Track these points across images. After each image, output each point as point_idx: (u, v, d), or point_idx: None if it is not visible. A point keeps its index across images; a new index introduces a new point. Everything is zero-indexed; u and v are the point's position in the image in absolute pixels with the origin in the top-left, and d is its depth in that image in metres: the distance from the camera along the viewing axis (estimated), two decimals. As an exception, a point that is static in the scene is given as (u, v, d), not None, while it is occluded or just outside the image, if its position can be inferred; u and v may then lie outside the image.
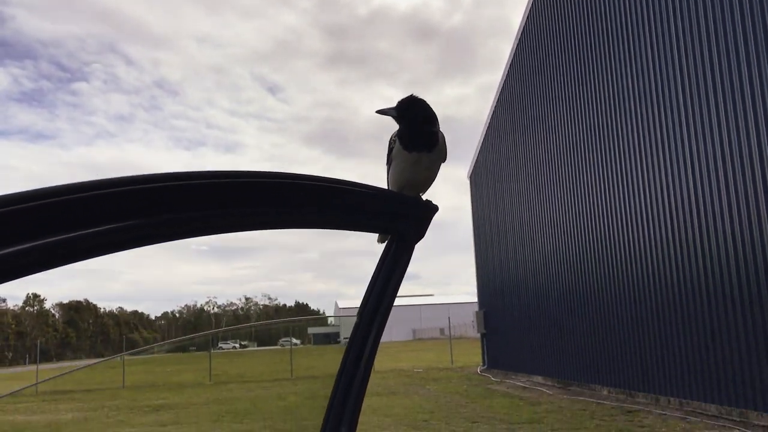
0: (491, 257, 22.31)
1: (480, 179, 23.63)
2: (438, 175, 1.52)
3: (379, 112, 1.52)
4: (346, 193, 1.08)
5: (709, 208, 10.36)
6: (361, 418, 1.40)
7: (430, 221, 1.29)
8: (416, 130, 1.50)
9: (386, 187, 1.56)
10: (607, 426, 9.83)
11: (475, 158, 23.98)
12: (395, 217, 1.24)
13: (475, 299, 25.10)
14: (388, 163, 1.56)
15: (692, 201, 10.78)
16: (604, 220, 13.97)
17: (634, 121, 12.60)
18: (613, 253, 13.58)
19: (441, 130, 1.53)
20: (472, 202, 24.65)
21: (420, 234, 1.28)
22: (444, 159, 1.55)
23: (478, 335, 24.53)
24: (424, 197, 1.44)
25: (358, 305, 1.38)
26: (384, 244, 1.33)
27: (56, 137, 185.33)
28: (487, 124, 22.40)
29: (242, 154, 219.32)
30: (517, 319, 19.44)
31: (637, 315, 12.57)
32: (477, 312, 23.69)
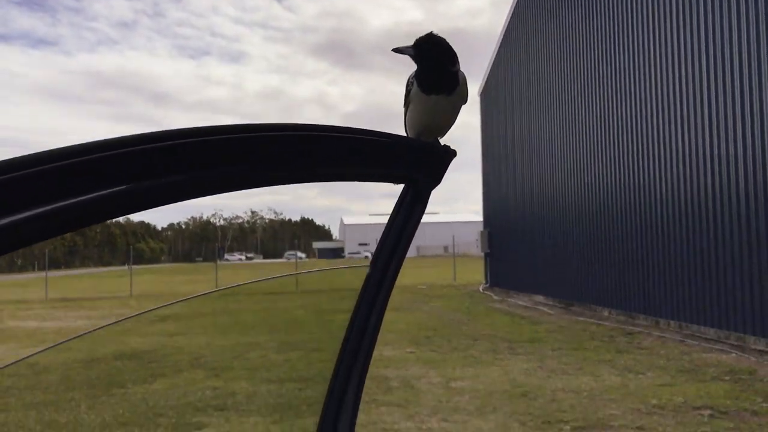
0: (498, 177, 22.23)
1: (490, 97, 23.25)
2: (458, 116, 1.45)
3: (396, 50, 1.43)
4: (366, 143, 1.01)
5: (720, 134, 10.20)
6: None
7: (447, 167, 1.23)
8: (435, 71, 1.42)
9: (403, 132, 1.49)
10: (606, 346, 10.01)
11: (486, 75, 23.52)
12: (412, 165, 1.17)
13: (480, 218, 25.17)
14: (406, 105, 1.48)
15: (703, 127, 10.61)
16: (612, 141, 13.81)
17: (650, 35, 12.26)
18: (619, 176, 13.50)
19: (461, 69, 1.44)
20: (481, 120, 24.34)
21: (437, 180, 1.22)
22: (465, 101, 1.47)
23: (482, 254, 24.74)
24: (443, 141, 1.37)
25: (363, 222, 1.33)
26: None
27: (58, 43, 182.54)
28: (500, 41, 21.85)
29: (247, 64, 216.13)
30: (520, 240, 19.54)
31: (641, 237, 12.60)
32: (482, 232, 23.80)
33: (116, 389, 7.83)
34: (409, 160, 1.16)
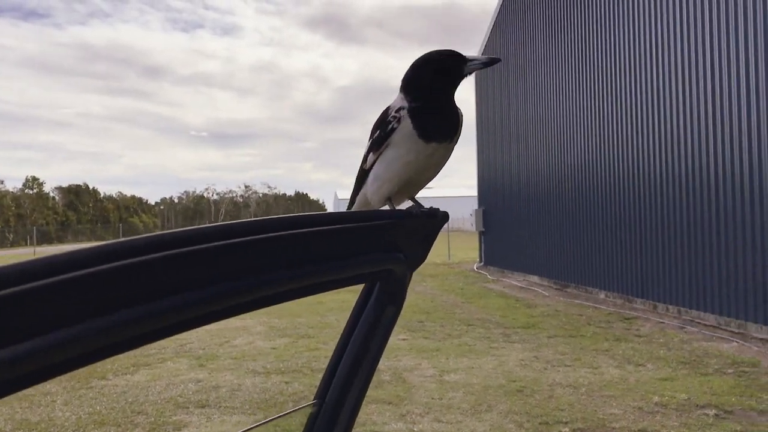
0: (493, 154, 21.84)
1: (485, 72, 22.76)
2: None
3: (471, 64, 1.06)
4: (307, 240, 0.66)
5: (724, 113, 9.84)
6: None
7: (436, 236, 0.86)
8: (445, 110, 1.03)
9: (357, 188, 1.11)
10: (604, 333, 9.75)
11: (482, 51, 23.02)
12: (387, 250, 0.79)
13: (474, 193, 24.80)
14: (377, 148, 1.08)
15: (705, 106, 10.25)
16: (609, 122, 13.43)
17: (650, 7, 11.83)
18: (617, 155, 13.14)
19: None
20: (476, 96, 23.88)
21: (422, 257, 0.85)
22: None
23: (475, 229, 24.42)
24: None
25: None
26: None
27: (49, 15, 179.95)
28: (495, 15, 21.33)
29: (240, 38, 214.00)
30: (516, 218, 19.22)
31: (638, 217, 12.29)
32: (476, 210, 23.47)
33: (96, 381, 7.52)
34: (385, 244, 0.79)
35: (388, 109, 1.07)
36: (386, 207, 1.11)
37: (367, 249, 0.76)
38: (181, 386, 7.18)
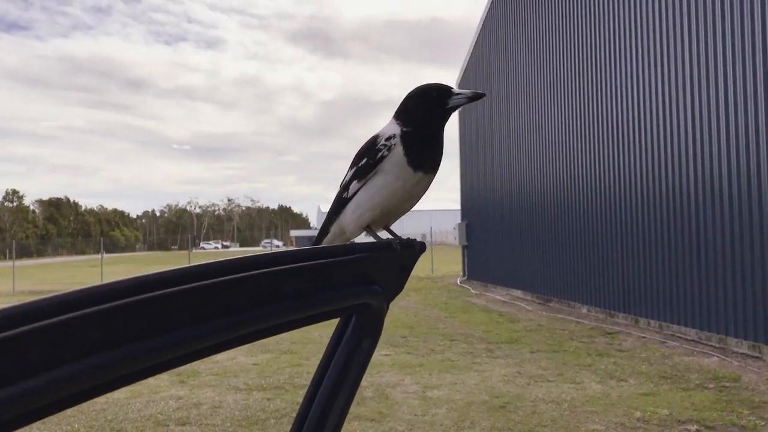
0: (476, 168, 21.94)
1: (469, 88, 22.90)
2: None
3: (454, 97, 1.07)
4: (294, 274, 0.65)
5: (704, 129, 9.95)
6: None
7: (413, 267, 0.86)
8: (434, 141, 1.04)
9: (332, 218, 1.11)
10: (587, 348, 9.77)
11: (464, 68, 23.18)
12: (362, 283, 0.78)
13: (458, 207, 24.88)
14: (363, 175, 1.08)
15: (686, 122, 10.36)
16: (591, 137, 13.54)
17: (630, 38, 11.97)
18: (599, 171, 13.24)
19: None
20: (459, 111, 24.00)
21: (399, 288, 0.85)
22: None
23: (458, 243, 24.48)
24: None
25: None
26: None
27: (31, 28, 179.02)
28: (478, 32, 21.50)
29: (224, 51, 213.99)
30: (499, 232, 19.29)
31: (621, 233, 12.37)
32: (459, 224, 23.53)
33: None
34: (361, 277, 0.78)
35: (376, 137, 1.07)
36: (358, 236, 1.11)
37: (344, 283, 0.75)
38: (161, 403, 7.09)
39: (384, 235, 1.09)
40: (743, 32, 9.14)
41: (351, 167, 1.09)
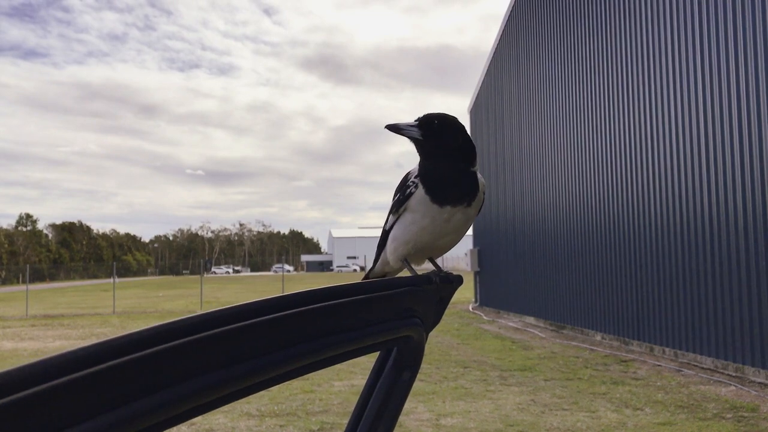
0: (488, 194, 21.93)
1: (480, 114, 23.01)
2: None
3: (392, 128, 1.03)
4: (338, 310, 0.67)
5: (717, 153, 9.93)
6: (346, 363, 1.02)
7: (450, 300, 0.87)
8: (451, 171, 1.03)
9: (380, 248, 1.11)
10: (601, 376, 9.67)
11: (476, 94, 23.30)
12: (403, 317, 0.79)
13: (470, 232, 24.87)
14: (396, 212, 1.09)
15: (699, 149, 10.34)
16: (606, 162, 13.53)
17: (642, 63, 12.01)
18: (613, 197, 13.21)
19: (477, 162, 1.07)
20: (470, 135, 24.08)
21: (437, 320, 0.86)
22: (479, 210, 1.10)
23: (471, 269, 24.42)
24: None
25: (352, 235, 0.97)
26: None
27: (48, 55, 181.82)
28: (490, 58, 21.64)
29: (236, 77, 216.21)
30: (511, 259, 19.23)
31: (634, 260, 12.30)
32: (471, 250, 23.48)
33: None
34: (403, 311, 0.79)
35: (408, 174, 1.08)
36: (402, 267, 1.12)
37: (386, 317, 0.77)
38: (173, 430, 7.06)
39: (424, 267, 1.10)
40: (756, 53, 9.15)
41: (393, 198, 1.11)
